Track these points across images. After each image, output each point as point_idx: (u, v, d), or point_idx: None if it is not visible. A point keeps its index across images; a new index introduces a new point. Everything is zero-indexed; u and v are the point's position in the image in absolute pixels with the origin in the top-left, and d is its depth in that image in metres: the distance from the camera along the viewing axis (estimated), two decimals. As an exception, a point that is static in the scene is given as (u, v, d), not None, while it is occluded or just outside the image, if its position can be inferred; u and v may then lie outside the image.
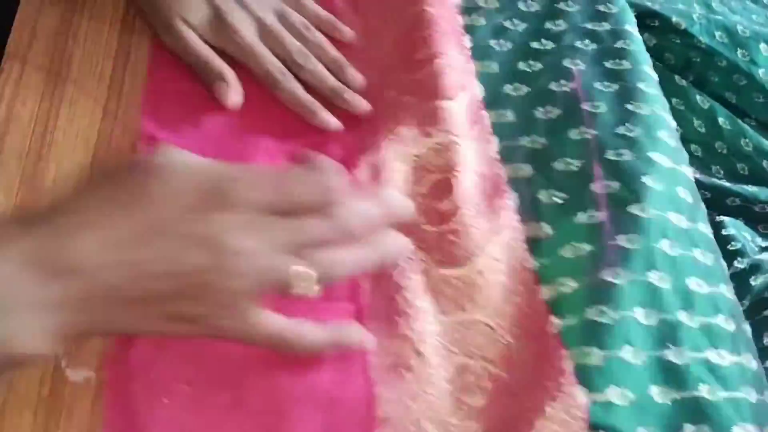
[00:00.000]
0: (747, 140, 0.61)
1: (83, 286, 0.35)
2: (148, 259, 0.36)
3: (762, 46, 0.66)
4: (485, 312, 0.45)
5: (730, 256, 0.52)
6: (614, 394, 0.41)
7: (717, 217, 0.56)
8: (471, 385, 0.43)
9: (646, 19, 0.64)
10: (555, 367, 0.43)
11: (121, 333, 0.40)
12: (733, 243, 0.53)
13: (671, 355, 0.43)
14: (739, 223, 0.57)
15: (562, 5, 0.59)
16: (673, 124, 0.53)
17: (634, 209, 0.46)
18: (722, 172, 0.63)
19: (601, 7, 0.59)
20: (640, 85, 0.53)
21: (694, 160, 0.63)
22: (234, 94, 0.52)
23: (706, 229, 0.48)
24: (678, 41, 0.66)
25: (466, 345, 0.44)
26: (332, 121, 0.52)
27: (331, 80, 0.54)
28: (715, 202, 0.58)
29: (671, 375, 0.42)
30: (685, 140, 0.61)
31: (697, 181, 0.56)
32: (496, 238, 0.47)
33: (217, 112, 0.52)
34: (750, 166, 0.62)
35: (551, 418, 0.41)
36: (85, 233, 0.35)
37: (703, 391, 0.42)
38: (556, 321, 0.44)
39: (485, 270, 0.46)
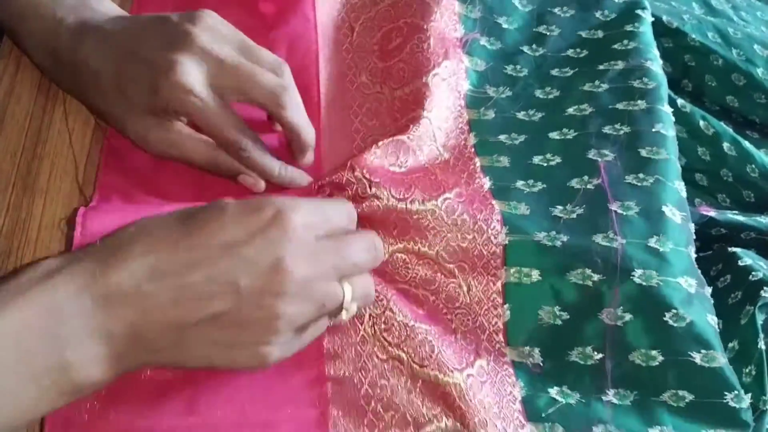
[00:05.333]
0: (753, 166, 0.59)
1: (132, 314, 0.35)
2: (200, 281, 0.36)
3: (756, 47, 0.65)
4: (435, 247, 0.48)
5: (754, 286, 0.50)
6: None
7: (729, 249, 0.55)
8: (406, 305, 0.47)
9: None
10: (493, 318, 0.47)
11: (171, 364, 0.39)
12: (754, 273, 0.51)
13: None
14: (751, 253, 0.56)
15: (587, 85, 0.58)
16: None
17: None
18: (728, 200, 0.62)
19: (636, 83, 0.57)
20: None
21: (699, 190, 0.62)
22: (260, 182, 0.49)
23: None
24: (671, 44, 0.65)
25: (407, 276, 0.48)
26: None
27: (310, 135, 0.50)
28: (731, 238, 0.56)
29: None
30: (690, 169, 0.61)
31: (712, 219, 0.56)
32: (459, 187, 0.50)
33: None
34: (756, 193, 0.60)
35: (483, 366, 0.46)
36: (135, 258, 0.36)
37: None
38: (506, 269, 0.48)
39: (446, 209, 0.49)
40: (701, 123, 0.61)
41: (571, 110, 0.56)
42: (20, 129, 0.50)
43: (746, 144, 0.61)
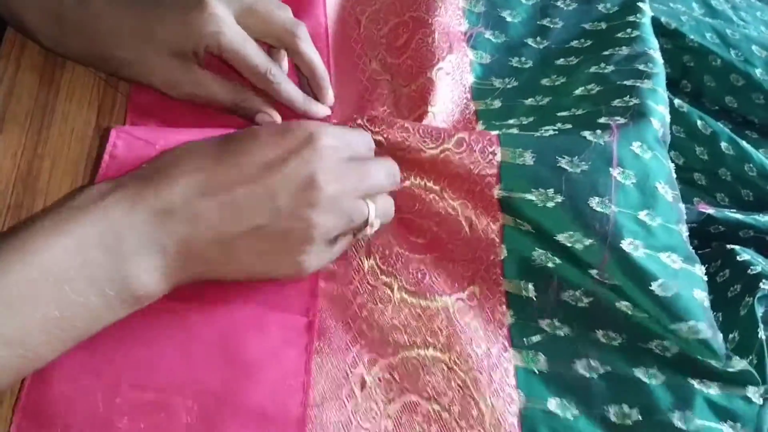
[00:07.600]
0: (751, 165, 0.60)
1: (182, 228, 0.38)
2: (243, 196, 0.40)
3: (754, 47, 0.65)
4: (440, 183, 0.50)
5: (752, 279, 0.51)
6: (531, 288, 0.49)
7: (727, 246, 0.55)
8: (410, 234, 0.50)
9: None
10: (491, 254, 0.49)
11: (219, 274, 0.42)
12: (752, 267, 0.51)
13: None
14: (750, 250, 0.56)
15: (593, 68, 0.59)
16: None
17: None
18: (727, 199, 0.62)
19: (641, 66, 0.57)
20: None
21: (698, 189, 0.62)
22: (277, 119, 0.52)
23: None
24: (670, 45, 0.65)
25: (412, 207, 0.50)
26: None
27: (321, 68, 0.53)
28: (730, 236, 0.57)
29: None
30: (688, 169, 0.61)
31: (710, 216, 0.56)
32: (461, 134, 0.50)
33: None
34: (755, 192, 0.60)
35: (475, 292, 0.48)
36: (182, 177, 0.39)
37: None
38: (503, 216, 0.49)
39: (443, 160, 0.50)
40: (699, 123, 0.62)
41: (578, 92, 0.57)
42: (20, 129, 0.50)
43: (744, 143, 0.61)
